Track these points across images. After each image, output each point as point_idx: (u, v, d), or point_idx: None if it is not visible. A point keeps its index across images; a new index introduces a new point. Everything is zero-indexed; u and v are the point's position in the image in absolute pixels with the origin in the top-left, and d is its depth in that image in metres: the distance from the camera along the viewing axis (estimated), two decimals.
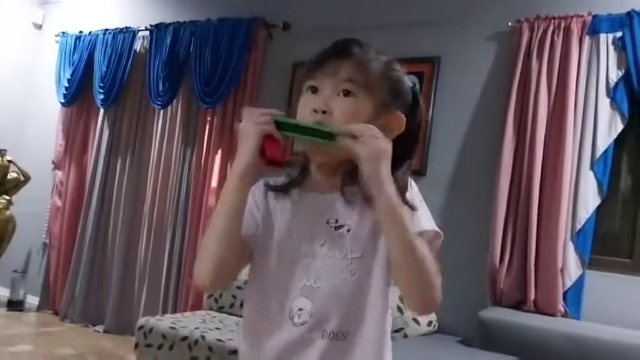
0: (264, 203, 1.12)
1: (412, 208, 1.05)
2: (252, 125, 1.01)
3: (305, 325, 1.04)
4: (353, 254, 1.05)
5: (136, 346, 2.97)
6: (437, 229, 1.09)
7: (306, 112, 1.06)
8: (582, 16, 2.95)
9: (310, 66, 1.09)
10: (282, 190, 1.12)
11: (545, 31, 3.01)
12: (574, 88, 2.92)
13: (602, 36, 2.91)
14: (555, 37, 2.99)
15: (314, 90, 1.06)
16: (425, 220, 1.08)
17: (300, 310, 1.05)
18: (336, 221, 1.06)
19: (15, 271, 4.72)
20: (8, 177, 4.67)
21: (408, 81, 1.13)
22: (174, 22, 4.27)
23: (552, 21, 3.01)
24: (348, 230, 1.06)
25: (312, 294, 1.05)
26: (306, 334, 1.04)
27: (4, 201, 4.65)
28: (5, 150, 4.67)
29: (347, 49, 1.07)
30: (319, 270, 1.05)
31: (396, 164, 1.05)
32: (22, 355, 3.66)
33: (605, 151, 2.87)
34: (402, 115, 1.09)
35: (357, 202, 1.06)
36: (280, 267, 1.07)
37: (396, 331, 2.91)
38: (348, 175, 1.07)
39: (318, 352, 1.04)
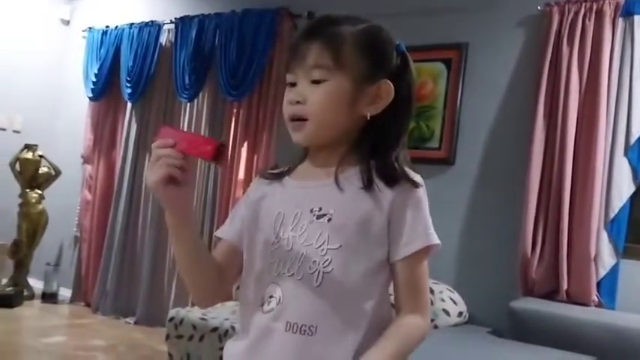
0: (258, 195, 1.12)
1: (415, 184, 1.02)
2: (149, 175, 0.97)
3: (271, 313, 1.02)
4: (329, 245, 1.00)
5: (167, 337, 3.00)
6: (438, 241, 1.04)
7: (285, 106, 1.06)
8: None
9: (286, 56, 1.07)
10: (275, 178, 1.11)
11: (576, 15, 2.93)
12: (607, 72, 2.84)
13: (637, 17, 2.83)
14: (587, 21, 2.90)
15: (292, 84, 1.05)
16: (432, 230, 1.03)
17: (270, 297, 1.02)
18: (320, 209, 1.02)
19: (48, 264, 4.82)
20: (40, 172, 4.75)
21: (393, 42, 1.06)
22: (198, 15, 4.28)
23: (583, 4, 2.92)
24: (329, 220, 1.01)
25: (283, 282, 1.02)
26: (271, 323, 1.01)
27: (37, 195, 4.73)
28: (36, 145, 4.75)
29: (314, 30, 1.03)
30: (294, 258, 1.01)
31: (390, 138, 1.04)
32: (55, 346, 3.74)
33: None
34: (389, 83, 1.03)
35: (351, 188, 1.02)
36: (262, 253, 1.06)
37: None
38: (346, 159, 1.05)
39: (280, 342, 1.00)
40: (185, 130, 4.17)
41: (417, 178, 1.04)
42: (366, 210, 1.01)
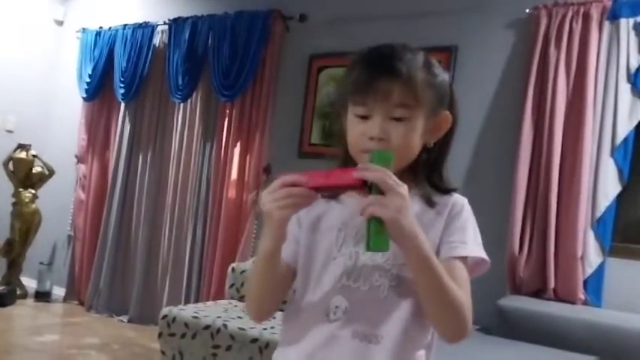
0: (317, 212, 1.12)
1: (453, 190, 1.10)
2: (275, 210, 0.98)
3: (337, 322, 1.05)
4: (395, 260, 1.03)
5: (160, 335, 3.02)
6: (484, 255, 1.07)
7: (362, 139, 1.05)
8: (602, 0, 2.91)
9: (354, 88, 1.05)
10: (332, 195, 1.12)
11: (563, 18, 2.98)
12: (593, 75, 2.89)
13: (623, 21, 2.88)
14: (574, 24, 2.95)
15: (365, 117, 1.05)
16: (472, 244, 1.08)
17: (336, 307, 1.06)
18: None
19: (41, 263, 4.84)
20: (33, 171, 4.76)
21: (447, 77, 1.12)
22: (192, 16, 4.31)
23: (571, 7, 2.97)
24: None
25: (349, 293, 1.05)
26: (337, 331, 1.05)
27: (30, 195, 4.74)
28: (30, 145, 4.76)
29: (391, 67, 1.02)
30: (359, 271, 1.05)
31: (443, 159, 1.12)
32: (49, 345, 3.75)
33: (626, 138, 2.85)
34: (448, 113, 1.10)
35: (412, 205, 1.01)
36: (323, 267, 1.08)
37: None
38: (403, 178, 1.02)
39: (345, 348, 1.04)
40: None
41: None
42: (427, 224, 1.04)
